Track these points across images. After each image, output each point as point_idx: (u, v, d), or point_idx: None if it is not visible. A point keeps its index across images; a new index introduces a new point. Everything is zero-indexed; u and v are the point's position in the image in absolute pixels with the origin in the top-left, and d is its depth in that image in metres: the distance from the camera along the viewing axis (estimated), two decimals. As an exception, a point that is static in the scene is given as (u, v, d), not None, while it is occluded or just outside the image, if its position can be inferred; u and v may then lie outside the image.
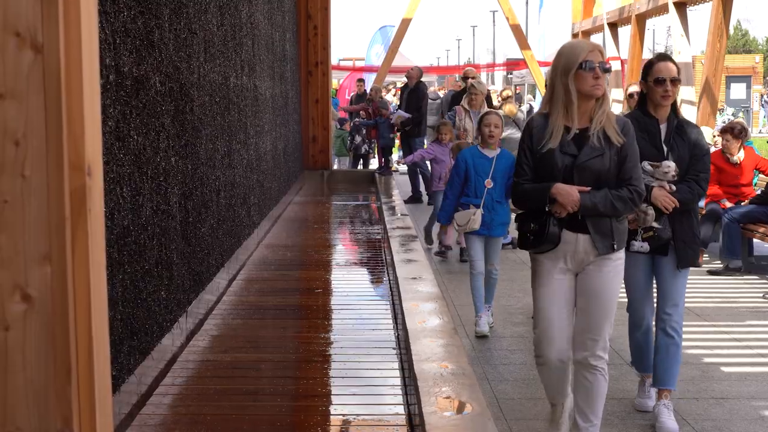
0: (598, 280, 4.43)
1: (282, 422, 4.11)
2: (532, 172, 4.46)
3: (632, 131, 4.44)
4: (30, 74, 1.70)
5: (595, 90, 4.29)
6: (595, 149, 4.33)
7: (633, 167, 4.40)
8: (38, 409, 1.71)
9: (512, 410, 5.49)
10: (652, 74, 5.18)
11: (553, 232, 4.34)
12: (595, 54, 4.31)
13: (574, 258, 4.43)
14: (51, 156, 1.70)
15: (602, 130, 4.34)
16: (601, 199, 4.30)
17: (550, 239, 4.35)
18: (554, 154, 4.36)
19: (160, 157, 4.57)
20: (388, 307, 6.12)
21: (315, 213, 11.25)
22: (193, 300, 5.34)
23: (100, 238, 1.82)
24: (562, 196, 4.31)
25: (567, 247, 4.41)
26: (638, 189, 4.38)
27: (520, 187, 4.50)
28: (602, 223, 4.37)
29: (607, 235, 4.39)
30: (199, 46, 5.68)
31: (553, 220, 4.35)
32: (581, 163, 4.33)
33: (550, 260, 4.45)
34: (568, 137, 4.37)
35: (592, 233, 4.37)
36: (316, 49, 14.57)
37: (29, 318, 1.71)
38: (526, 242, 4.47)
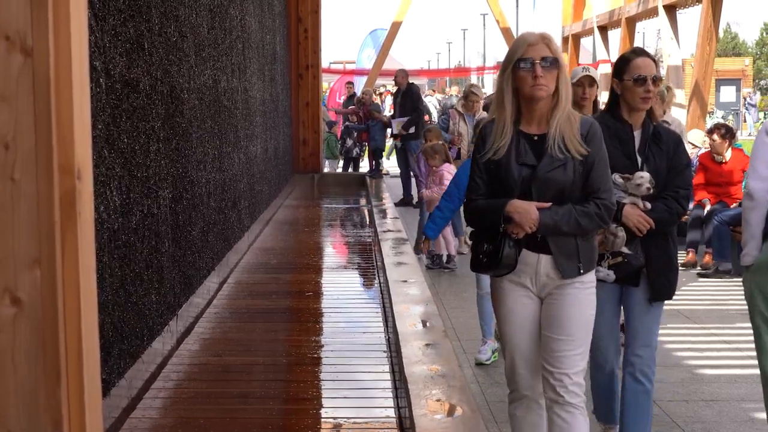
0: (564, 308, 3.80)
1: (273, 425, 4.11)
2: (486, 186, 3.85)
3: (599, 133, 3.79)
4: (20, 78, 1.70)
5: (534, 91, 3.64)
6: (556, 159, 3.70)
7: (601, 177, 3.77)
8: (28, 412, 1.71)
9: (503, 413, 5.49)
10: (629, 71, 4.43)
11: (508, 254, 3.75)
12: (538, 48, 3.67)
13: (537, 282, 3.83)
14: (40, 159, 1.70)
15: (561, 136, 3.72)
16: (563, 217, 3.70)
17: (506, 263, 3.76)
18: (510, 164, 3.75)
19: (151, 161, 4.57)
20: (379, 310, 6.12)
21: (305, 216, 11.25)
22: (183, 303, 5.33)
23: (89, 242, 1.82)
24: (519, 215, 3.70)
25: (528, 269, 3.81)
26: (607, 203, 3.76)
27: (473, 203, 3.90)
28: (566, 242, 3.76)
29: (572, 256, 3.77)
30: (190, 49, 5.67)
31: (509, 241, 3.75)
32: (541, 175, 3.71)
33: (512, 282, 3.87)
34: (525, 146, 3.77)
35: (554, 254, 3.76)
36: (307, 52, 14.58)
37: (19, 321, 1.71)
38: (479, 265, 3.88)
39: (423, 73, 42.88)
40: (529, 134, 3.78)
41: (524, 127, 3.79)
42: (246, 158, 8.39)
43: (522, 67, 3.66)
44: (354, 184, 14.55)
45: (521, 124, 3.79)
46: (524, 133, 3.79)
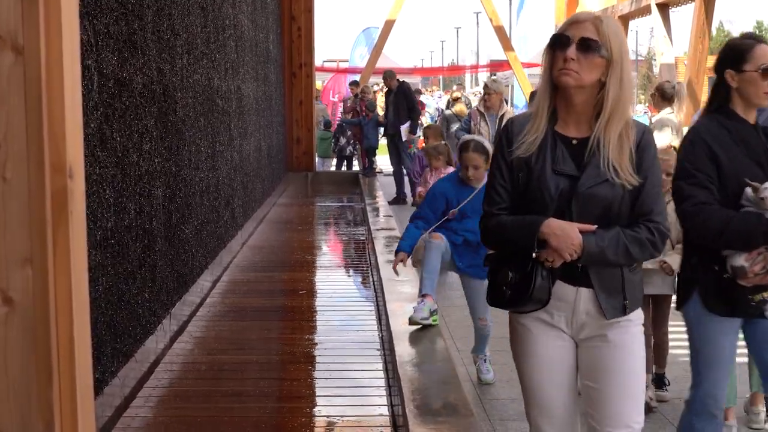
0: (612, 353, 3.07)
1: (266, 423, 4.11)
2: (511, 198, 3.08)
3: (653, 143, 3.08)
4: (10, 76, 1.69)
5: (561, 77, 2.92)
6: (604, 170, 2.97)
7: (655, 197, 3.03)
8: (20, 412, 1.71)
9: (497, 411, 5.50)
10: (753, 60, 3.62)
11: (540, 287, 2.99)
12: (582, 27, 2.94)
13: (573, 321, 3.07)
14: (32, 158, 1.70)
15: (608, 153, 2.96)
16: (611, 243, 2.94)
17: (537, 297, 3.00)
18: (544, 173, 2.98)
19: (144, 159, 4.56)
20: (373, 308, 6.12)
21: (299, 214, 11.25)
22: (176, 302, 5.33)
23: (81, 241, 1.82)
24: (558, 238, 2.91)
25: (563, 306, 3.05)
26: (661, 227, 3.03)
27: (493, 219, 3.10)
28: (610, 274, 3.03)
29: (617, 291, 3.03)
30: (183, 47, 5.66)
31: (542, 271, 2.98)
32: (585, 190, 2.95)
33: (540, 322, 3.10)
34: (563, 151, 3.01)
35: (596, 289, 3.01)
36: (300, 50, 14.57)
37: (10, 321, 1.70)
38: (501, 299, 3.08)
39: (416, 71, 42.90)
40: (566, 137, 3.03)
41: (560, 128, 3.04)
42: (239, 157, 8.39)
43: (556, 45, 2.96)
44: (347, 183, 14.55)
45: (557, 124, 3.05)
46: (560, 135, 3.03)
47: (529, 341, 3.12)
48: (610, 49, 2.92)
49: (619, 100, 2.94)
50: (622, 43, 2.98)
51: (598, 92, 2.96)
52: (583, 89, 2.95)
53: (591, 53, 2.90)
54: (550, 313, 3.06)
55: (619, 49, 2.94)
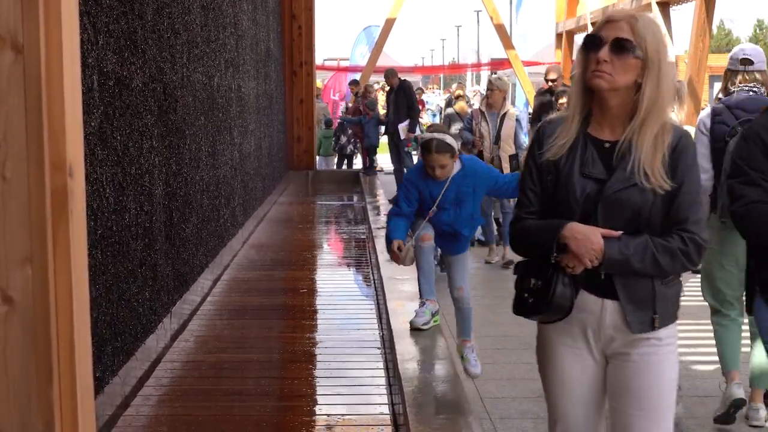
0: (639, 374, 2.89)
1: (267, 422, 4.11)
2: (541, 202, 2.96)
3: (692, 148, 2.90)
4: (10, 75, 1.69)
5: (593, 79, 2.80)
6: (634, 173, 2.81)
7: (691, 204, 2.84)
8: (20, 411, 1.71)
9: (497, 409, 5.50)
10: None
11: (561, 294, 2.84)
12: (617, 27, 2.81)
13: (600, 335, 2.90)
14: (32, 157, 1.70)
15: (640, 155, 2.81)
16: (637, 251, 2.78)
17: (557, 306, 2.85)
18: (572, 175, 2.86)
19: (144, 158, 4.56)
20: (373, 307, 6.12)
21: (300, 213, 11.25)
22: (177, 300, 5.33)
23: (81, 239, 1.82)
24: (577, 242, 2.78)
25: (587, 318, 2.89)
26: (696, 238, 2.82)
27: (520, 224, 2.99)
28: (639, 285, 2.84)
29: (646, 304, 2.84)
30: (183, 46, 5.66)
31: (563, 277, 2.85)
32: (612, 194, 2.81)
33: (564, 335, 2.95)
34: (593, 154, 2.88)
35: (622, 300, 2.84)
36: (301, 49, 14.57)
37: (10, 320, 1.70)
38: (524, 306, 2.97)
39: (417, 70, 42.85)
40: (599, 140, 2.90)
41: (594, 131, 2.91)
42: (240, 155, 8.38)
43: (589, 46, 2.85)
44: (348, 181, 14.55)
45: (591, 127, 2.92)
46: (593, 138, 2.91)
47: (552, 354, 2.98)
48: (645, 50, 2.78)
49: (656, 102, 2.80)
50: (660, 42, 2.83)
51: (635, 94, 2.81)
52: (618, 91, 2.82)
53: (625, 54, 2.78)
54: (575, 326, 2.91)
55: (655, 49, 2.80)
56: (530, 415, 5.34)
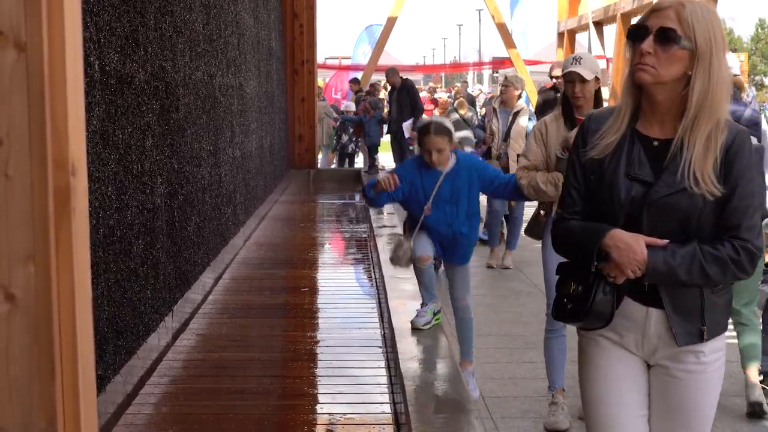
0: (682, 391, 2.76)
1: (269, 421, 4.11)
2: (584, 202, 2.80)
3: (748, 147, 2.66)
4: (13, 73, 1.69)
5: (636, 72, 2.61)
6: (683, 177, 2.61)
7: (745, 209, 2.63)
8: (22, 408, 1.71)
9: (499, 408, 5.50)
10: None
11: (602, 302, 2.69)
12: (663, 15, 2.60)
13: (644, 344, 2.76)
14: (34, 155, 1.69)
15: (690, 157, 2.61)
16: (684, 261, 2.60)
17: (597, 314, 2.70)
18: (617, 176, 2.68)
19: (146, 156, 4.56)
20: (375, 305, 6.12)
21: (301, 212, 11.25)
22: (179, 299, 5.33)
23: (84, 238, 1.82)
24: (620, 251, 2.62)
25: (632, 327, 2.74)
26: (749, 246, 2.63)
27: (563, 224, 2.84)
28: (686, 295, 2.68)
29: (694, 315, 2.68)
30: (185, 44, 5.66)
31: (605, 285, 2.69)
32: (658, 198, 2.63)
33: (607, 341, 2.80)
34: (640, 153, 2.70)
35: (668, 311, 2.68)
36: (302, 47, 14.57)
37: (13, 318, 1.70)
38: (563, 311, 2.82)
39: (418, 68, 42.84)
40: (647, 137, 2.71)
41: (643, 128, 2.72)
42: (241, 154, 8.39)
43: (634, 37, 2.65)
44: (349, 180, 14.56)
45: (640, 123, 2.73)
46: (641, 135, 2.72)
47: (592, 356, 2.82)
48: (694, 39, 2.56)
49: (707, 97, 2.58)
50: (712, 31, 2.59)
51: (684, 88, 2.61)
52: (664, 85, 2.61)
53: (670, 45, 2.56)
54: (618, 333, 2.76)
55: (706, 38, 2.57)
56: (531, 415, 5.35)
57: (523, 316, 7.59)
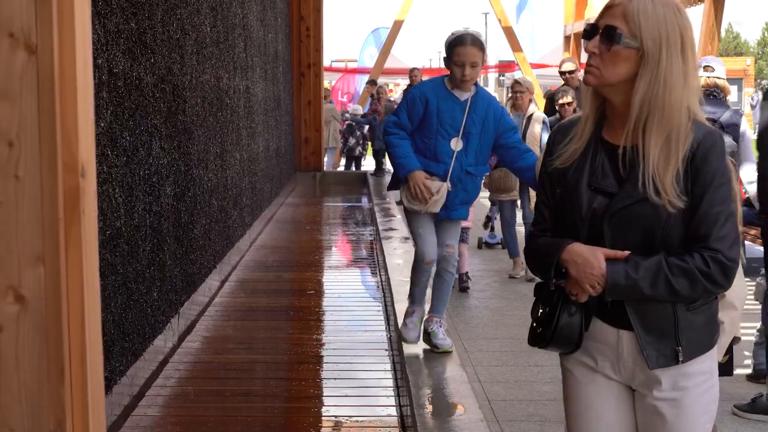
0: (665, 418, 2.50)
1: (274, 423, 4.11)
2: (555, 217, 2.62)
3: (717, 152, 2.41)
4: (23, 75, 1.70)
5: (584, 75, 2.47)
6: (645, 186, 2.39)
7: (714, 219, 2.39)
8: (31, 410, 1.71)
9: (504, 412, 5.50)
10: None
11: (566, 325, 2.51)
12: (605, 14, 2.43)
13: (620, 368, 2.53)
14: (44, 157, 1.71)
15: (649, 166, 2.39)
16: (647, 274, 2.38)
17: (563, 337, 2.52)
18: (579, 188, 2.49)
19: (153, 158, 4.57)
20: (381, 308, 6.12)
21: (307, 214, 11.25)
22: (185, 301, 5.33)
23: (93, 239, 1.82)
24: (577, 267, 2.45)
25: (605, 350, 2.53)
26: (720, 257, 2.38)
27: (534, 242, 2.66)
28: (657, 314, 2.45)
29: (666, 335, 2.44)
30: (192, 47, 5.67)
31: (570, 306, 2.51)
32: (618, 210, 2.43)
33: (584, 366, 2.59)
34: (604, 162, 2.49)
35: (638, 331, 2.45)
36: (309, 50, 14.58)
37: (22, 319, 1.71)
38: (533, 335, 2.65)
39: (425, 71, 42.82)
40: (611, 144, 2.50)
41: (607, 134, 2.52)
42: (248, 156, 8.39)
43: (585, 37, 2.48)
44: (355, 183, 14.56)
45: (604, 129, 2.53)
46: (605, 142, 2.51)
47: (576, 389, 2.61)
48: (640, 37, 2.35)
49: (656, 101, 2.36)
50: (665, 28, 2.36)
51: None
52: (614, 87, 2.42)
53: (612, 44, 2.37)
54: (593, 358, 2.55)
55: (654, 37, 2.35)
56: (537, 418, 5.34)
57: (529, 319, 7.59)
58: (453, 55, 4.42)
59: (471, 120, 4.44)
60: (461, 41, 4.42)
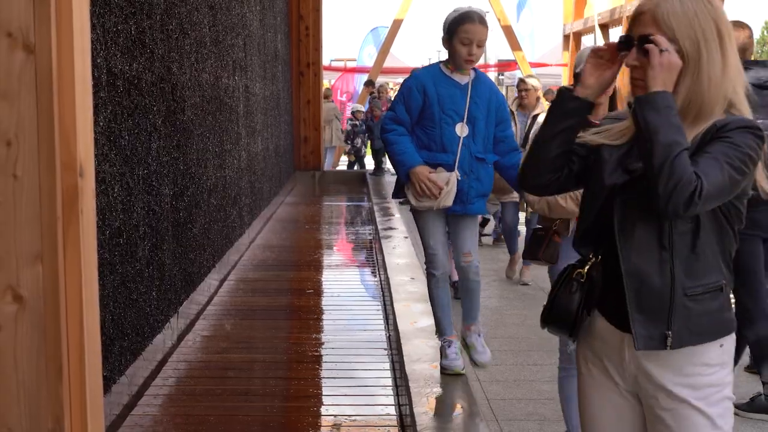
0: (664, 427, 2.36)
1: (274, 422, 4.11)
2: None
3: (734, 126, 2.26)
4: (22, 74, 1.70)
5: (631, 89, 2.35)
6: None
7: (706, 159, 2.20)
8: (30, 409, 1.71)
9: (503, 411, 5.50)
10: None
11: (563, 303, 2.48)
12: (636, 23, 2.33)
13: (624, 372, 2.41)
14: (43, 156, 1.71)
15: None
16: (673, 129, 2.17)
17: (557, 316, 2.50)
18: (607, 162, 2.39)
19: (152, 158, 4.57)
20: (380, 307, 6.12)
21: (306, 214, 11.25)
22: (184, 300, 5.34)
23: (91, 239, 1.82)
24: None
25: (609, 351, 2.43)
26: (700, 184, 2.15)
27: None
28: (651, 292, 2.32)
29: (658, 317, 2.31)
30: (191, 46, 5.67)
31: (571, 283, 2.47)
32: (635, 190, 2.31)
33: (597, 368, 2.47)
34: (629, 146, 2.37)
35: (630, 307, 2.32)
36: (308, 49, 14.58)
37: (20, 318, 1.71)
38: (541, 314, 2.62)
39: (424, 70, 42.68)
40: None
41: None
42: (247, 155, 8.39)
43: (620, 50, 2.37)
44: (355, 182, 14.56)
45: None
46: None
47: (587, 390, 2.51)
48: (676, 40, 2.25)
49: (696, 99, 2.26)
50: (697, 24, 2.26)
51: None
52: None
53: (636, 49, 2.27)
54: (599, 355, 2.45)
55: (690, 36, 2.26)
56: (536, 417, 5.34)
57: (528, 318, 7.58)
58: (459, 33, 4.10)
59: (474, 104, 4.17)
60: (469, 18, 4.12)
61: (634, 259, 2.31)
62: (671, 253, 2.28)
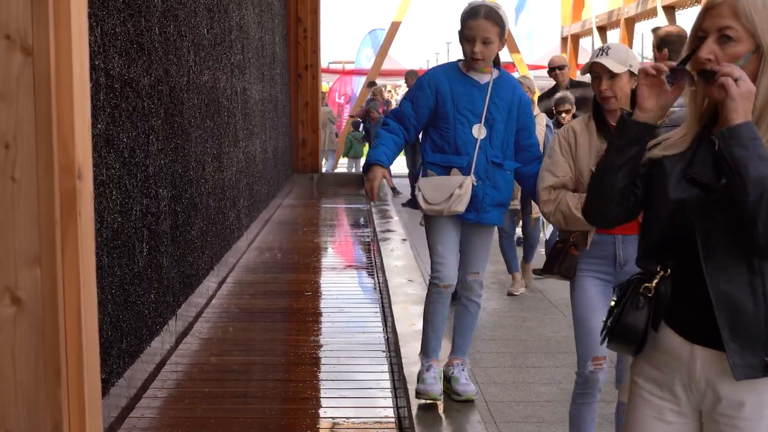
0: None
1: (272, 425, 4.11)
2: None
3: None
4: (20, 77, 1.70)
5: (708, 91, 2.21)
6: None
7: None
8: (28, 411, 1.71)
9: (502, 413, 5.50)
10: None
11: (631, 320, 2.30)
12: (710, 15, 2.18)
13: (692, 389, 2.25)
14: (41, 159, 1.71)
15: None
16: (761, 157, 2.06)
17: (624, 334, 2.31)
18: (670, 174, 2.25)
19: (150, 160, 4.57)
20: (378, 309, 6.12)
21: (304, 216, 11.26)
22: (182, 303, 5.33)
23: (90, 241, 1.82)
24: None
25: (675, 365, 2.26)
26: None
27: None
28: (747, 320, 2.16)
29: (757, 343, 2.15)
30: (189, 49, 5.67)
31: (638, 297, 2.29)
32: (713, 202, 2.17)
33: (654, 384, 2.32)
34: (706, 153, 2.23)
35: (725, 336, 2.15)
36: (306, 52, 14.58)
37: (19, 320, 1.71)
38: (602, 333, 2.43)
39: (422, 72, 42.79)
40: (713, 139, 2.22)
41: (716, 130, 2.20)
42: (245, 158, 8.39)
43: (693, 41, 2.23)
44: (353, 184, 14.56)
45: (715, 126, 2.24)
46: (710, 137, 2.24)
47: (639, 412, 2.35)
48: (756, 34, 2.13)
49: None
50: None
51: None
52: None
53: (730, 46, 2.14)
54: (661, 371, 2.29)
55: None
56: (534, 419, 5.34)
57: (526, 320, 7.58)
58: (464, 29, 3.93)
59: (494, 105, 3.92)
60: (473, 13, 3.91)
61: (723, 286, 2.16)
62: (762, 279, 2.15)
